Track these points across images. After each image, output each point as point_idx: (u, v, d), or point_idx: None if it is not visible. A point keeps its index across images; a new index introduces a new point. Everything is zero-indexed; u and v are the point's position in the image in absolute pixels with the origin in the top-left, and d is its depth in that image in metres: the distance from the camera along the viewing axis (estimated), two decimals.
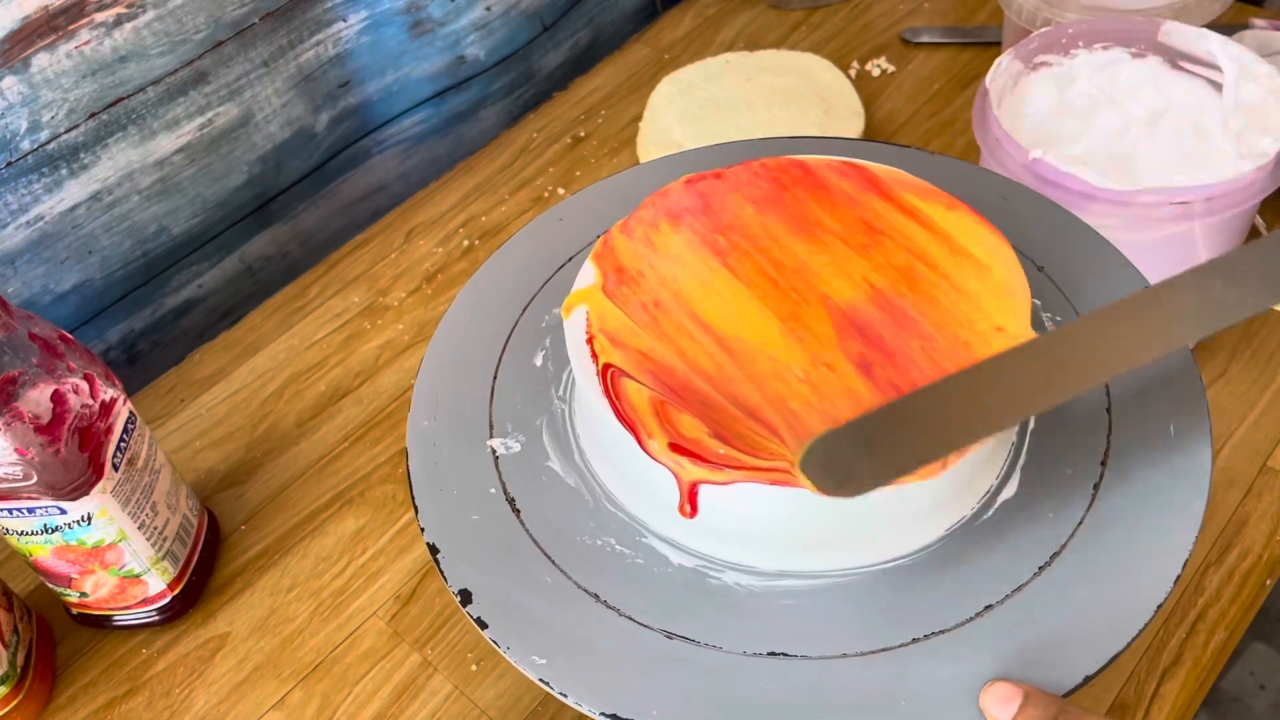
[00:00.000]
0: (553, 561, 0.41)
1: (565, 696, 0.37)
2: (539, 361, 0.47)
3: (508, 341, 0.48)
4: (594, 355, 0.41)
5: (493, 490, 0.43)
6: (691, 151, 0.55)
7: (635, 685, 0.37)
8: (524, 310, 0.49)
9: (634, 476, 0.41)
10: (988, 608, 0.38)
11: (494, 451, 0.44)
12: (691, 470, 0.37)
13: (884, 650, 0.37)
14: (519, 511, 0.42)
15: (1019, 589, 0.38)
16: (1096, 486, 0.41)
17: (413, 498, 0.43)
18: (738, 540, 0.40)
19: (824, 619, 0.39)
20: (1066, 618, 0.37)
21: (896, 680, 0.37)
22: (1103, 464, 0.41)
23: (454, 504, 0.43)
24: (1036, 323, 0.45)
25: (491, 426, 0.45)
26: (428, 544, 0.42)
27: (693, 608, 0.39)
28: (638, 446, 0.38)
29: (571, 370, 0.45)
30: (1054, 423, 0.43)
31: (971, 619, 0.38)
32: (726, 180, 0.46)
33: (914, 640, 0.38)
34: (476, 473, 0.44)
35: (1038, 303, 0.46)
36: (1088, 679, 0.36)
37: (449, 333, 0.49)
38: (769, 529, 0.39)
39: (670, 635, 0.39)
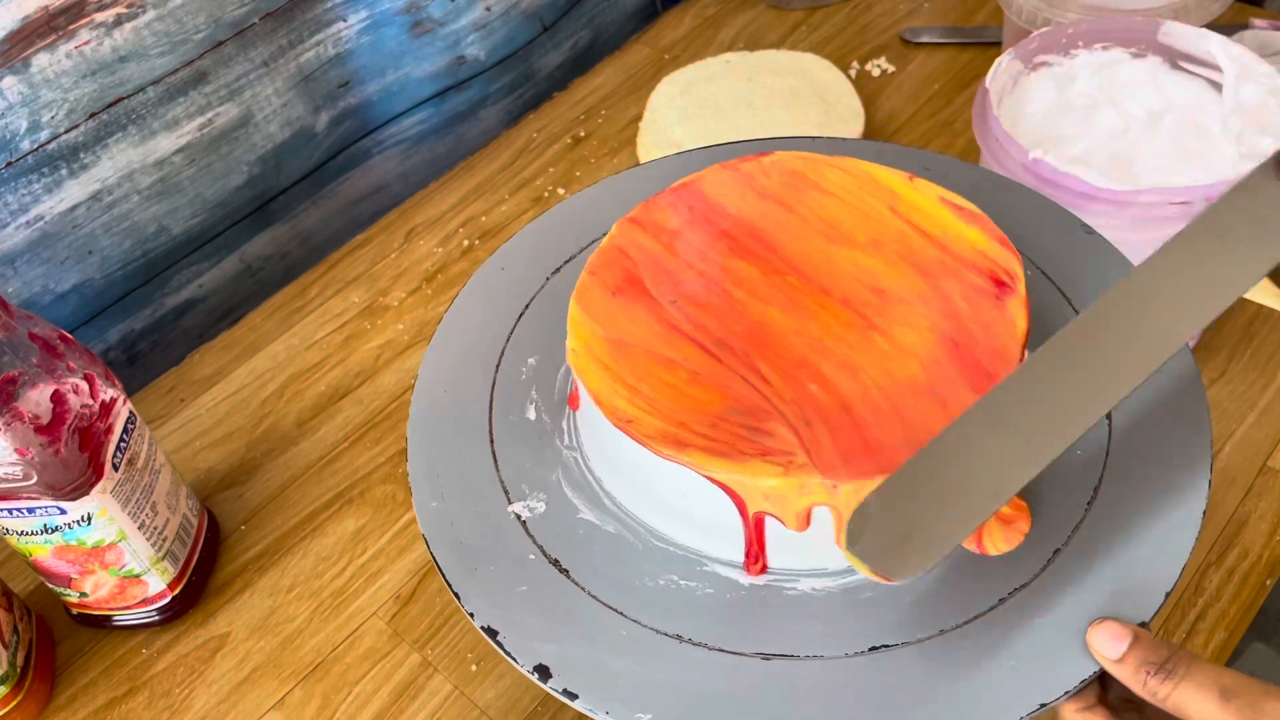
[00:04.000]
0: (622, 614, 0.39)
1: None
2: (531, 415, 0.46)
3: (492, 398, 0.46)
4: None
5: (532, 556, 0.41)
6: (691, 151, 0.55)
7: (744, 715, 0.37)
8: (520, 318, 0.49)
9: (684, 508, 0.40)
10: (988, 608, 0.38)
11: (519, 517, 0.43)
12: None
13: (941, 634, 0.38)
14: (566, 571, 0.41)
15: (1018, 589, 0.38)
16: (1096, 487, 0.41)
17: (450, 586, 0.41)
18: (801, 546, 0.39)
19: (908, 606, 0.38)
20: (1066, 618, 0.37)
21: (917, 678, 0.37)
22: (1102, 464, 0.41)
23: (497, 580, 0.41)
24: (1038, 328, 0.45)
25: (507, 492, 0.44)
26: (483, 629, 0.39)
27: (775, 623, 0.39)
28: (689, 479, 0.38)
29: (575, 420, 0.44)
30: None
31: (971, 619, 0.38)
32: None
33: (936, 634, 0.38)
34: (508, 541, 0.42)
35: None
36: (1088, 680, 0.36)
37: (441, 351, 0.48)
38: (820, 527, 0.39)
39: (766, 657, 0.38)
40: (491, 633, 0.39)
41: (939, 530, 0.35)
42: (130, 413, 0.54)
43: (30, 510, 0.51)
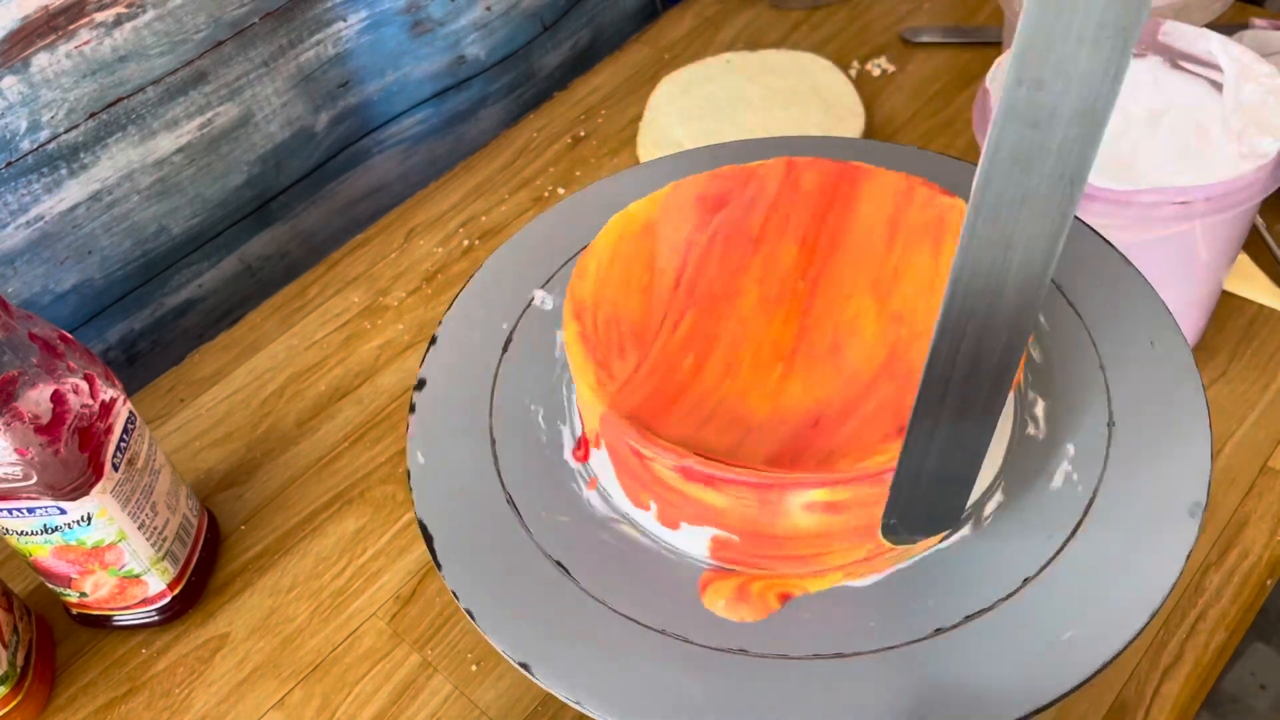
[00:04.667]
0: (606, 605, 0.40)
1: None
2: (532, 414, 0.46)
3: (492, 398, 0.47)
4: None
5: (531, 555, 0.41)
6: (691, 151, 0.55)
7: (685, 703, 0.37)
8: (520, 318, 0.49)
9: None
10: (988, 609, 0.38)
11: (512, 500, 0.43)
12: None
13: (905, 645, 0.38)
14: (565, 569, 0.41)
15: (1019, 589, 0.38)
16: (1096, 486, 0.41)
17: (450, 586, 0.41)
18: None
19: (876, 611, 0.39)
20: (1066, 617, 0.37)
21: (918, 677, 0.37)
22: (1102, 464, 0.41)
23: (495, 578, 0.41)
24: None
25: (506, 491, 0.44)
26: (465, 609, 0.40)
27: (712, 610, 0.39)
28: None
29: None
30: (1053, 421, 0.43)
31: (969, 619, 0.38)
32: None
33: (935, 633, 0.38)
34: (507, 539, 0.42)
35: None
36: (1088, 678, 0.36)
37: (443, 352, 0.48)
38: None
39: (714, 649, 0.38)
40: (527, 667, 0.39)
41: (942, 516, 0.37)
42: (130, 413, 0.54)
43: (30, 510, 0.51)
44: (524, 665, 0.38)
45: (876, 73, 0.86)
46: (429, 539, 0.42)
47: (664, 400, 0.39)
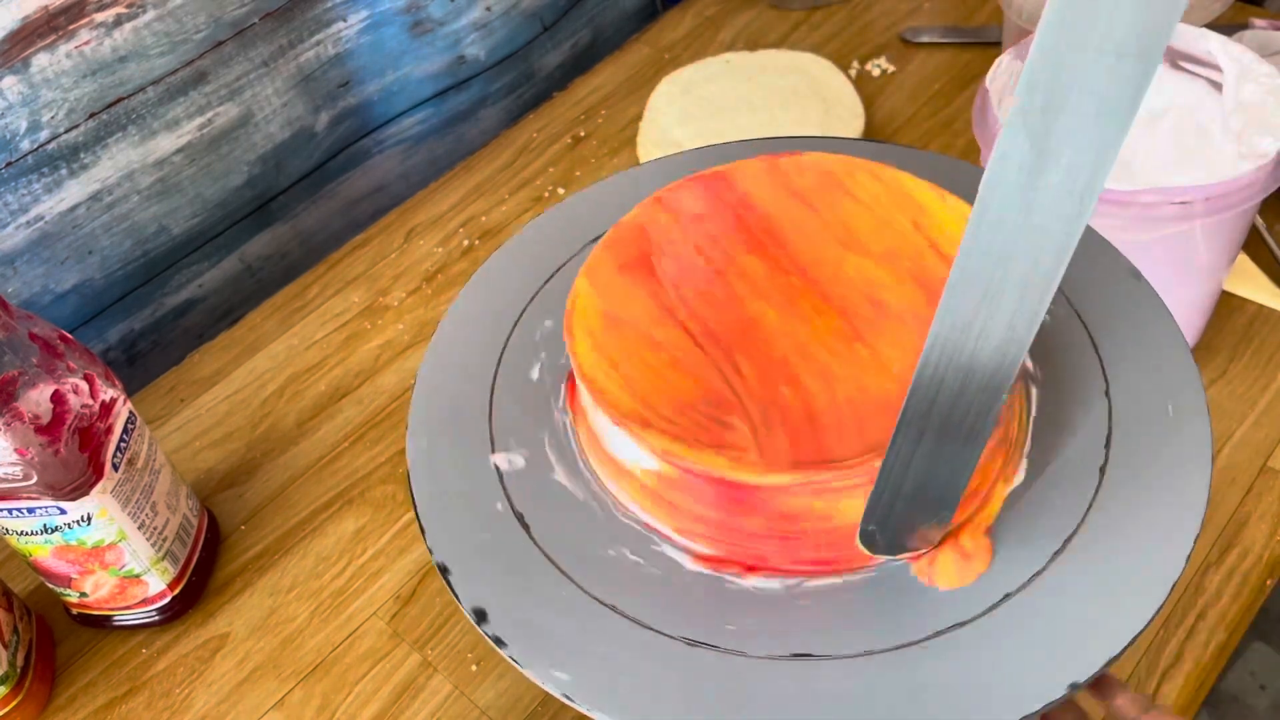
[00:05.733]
0: (567, 576, 0.40)
1: (591, 711, 0.37)
2: (535, 375, 0.47)
3: (502, 355, 0.48)
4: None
5: (500, 506, 0.43)
6: (691, 151, 0.55)
7: (658, 695, 0.37)
8: (519, 317, 0.49)
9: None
10: (987, 609, 0.38)
11: (498, 468, 0.44)
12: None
13: (907, 645, 0.37)
14: (528, 527, 0.42)
15: (1019, 589, 0.38)
16: (1096, 486, 0.41)
17: (419, 518, 0.43)
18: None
19: (843, 618, 0.39)
20: (1067, 617, 0.37)
21: (916, 676, 0.37)
22: (1102, 464, 0.41)
23: (462, 523, 0.42)
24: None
25: (493, 441, 0.45)
26: (437, 564, 0.41)
27: (712, 614, 0.39)
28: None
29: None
30: (1054, 421, 0.43)
31: (969, 621, 0.38)
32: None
33: (935, 634, 0.38)
34: (483, 490, 0.43)
35: None
36: (1088, 678, 0.36)
37: (444, 345, 0.48)
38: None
39: (692, 643, 0.38)
40: (444, 570, 0.40)
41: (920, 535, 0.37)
42: (130, 413, 0.54)
43: (30, 510, 0.51)
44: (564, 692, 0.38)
45: (876, 73, 0.86)
46: (444, 569, 0.41)
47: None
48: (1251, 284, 0.67)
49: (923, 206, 0.45)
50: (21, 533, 0.52)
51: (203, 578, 0.60)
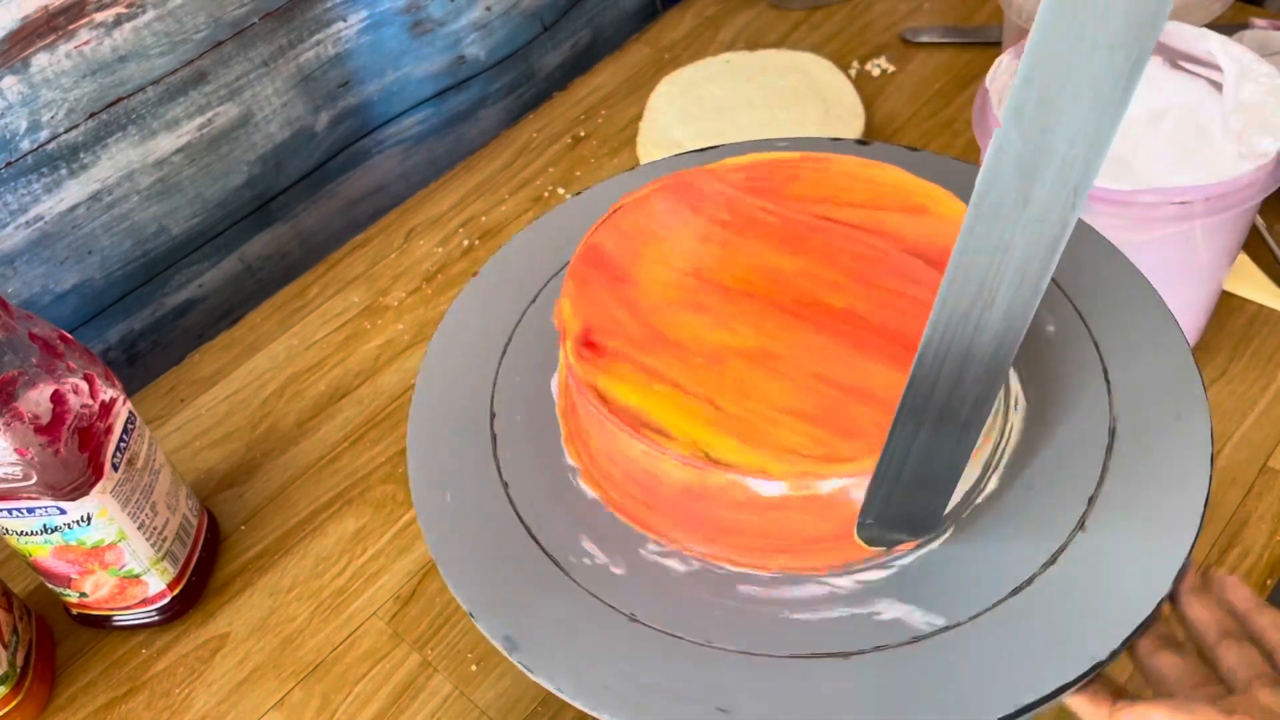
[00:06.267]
0: (568, 576, 0.40)
1: (594, 711, 0.37)
2: (537, 374, 0.46)
3: (504, 354, 0.47)
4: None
5: (501, 507, 0.42)
6: (691, 152, 0.55)
7: (660, 695, 0.37)
8: (521, 317, 0.49)
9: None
10: (987, 608, 0.38)
11: (499, 468, 0.44)
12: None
13: (907, 644, 0.38)
14: (529, 527, 0.42)
15: (1019, 589, 0.38)
16: (1096, 486, 0.41)
17: (419, 518, 0.42)
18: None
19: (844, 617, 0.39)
20: (1066, 617, 0.37)
21: (915, 674, 0.37)
22: (1102, 464, 0.41)
23: (463, 524, 0.42)
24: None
25: (494, 441, 0.45)
26: (437, 562, 0.41)
27: (712, 613, 0.39)
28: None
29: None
30: (1054, 420, 0.43)
31: (969, 619, 0.38)
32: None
33: (936, 632, 0.38)
34: (484, 490, 0.43)
35: None
36: (1087, 677, 0.36)
37: (445, 344, 0.48)
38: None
39: (694, 643, 0.38)
40: (511, 645, 0.39)
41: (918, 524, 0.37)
42: (130, 413, 0.54)
43: (30, 510, 0.51)
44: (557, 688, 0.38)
45: (876, 73, 0.86)
46: (431, 543, 0.42)
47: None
48: (1251, 284, 0.67)
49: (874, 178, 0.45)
50: (21, 533, 0.52)
51: (203, 578, 0.60)
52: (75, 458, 0.50)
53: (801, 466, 0.37)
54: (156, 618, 0.58)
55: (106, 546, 0.53)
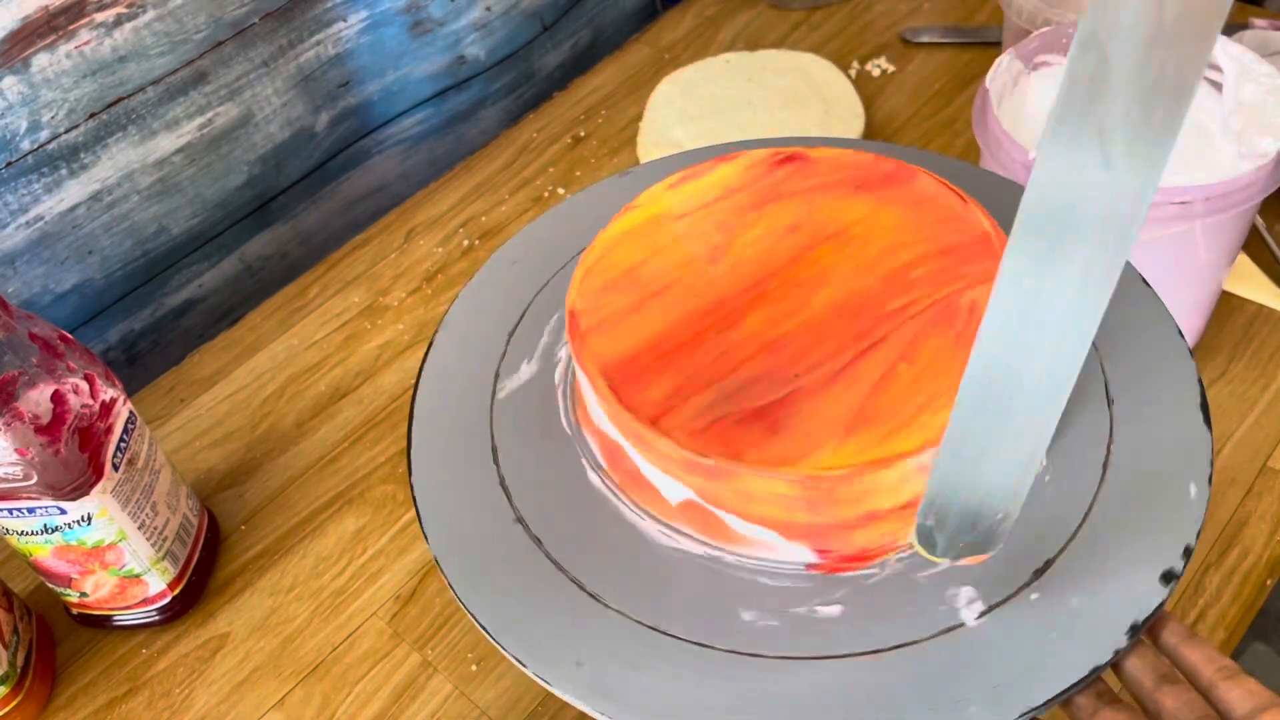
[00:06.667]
0: (569, 576, 0.40)
1: (596, 711, 0.37)
2: (538, 374, 0.46)
3: (505, 354, 0.47)
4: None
5: (502, 506, 0.42)
6: (691, 151, 0.55)
7: (663, 695, 0.37)
8: (522, 316, 0.49)
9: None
10: (1016, 591, 0.38)
11: (499, 467, 0.44)
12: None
13: (910, 644, 0.38)
14: (530, 527, 0.42)
15: (1019, 589, 0.38)
16: (1096, 486, 0.41)
17: (420, 518, 0.42)
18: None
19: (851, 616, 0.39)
20: (1066, 617, 0.37)
21: (918, 673, 0.37)
22: (1103, 465, 0.41)
23: (464, 524, 0.42)
24: None
25: (494, 441, 0.44)
26: (438, 563, 0.41)
27: (717, 613, 0.39)
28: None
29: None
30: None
31: (998, 605, 0.38)
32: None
33: (942, 631, 0.38)
34: (484, 490, 0.43)
35: None
36: (1120, 650, 0.36)
37: (446, 344, 0.48)
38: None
39: (697, 643, 0.38)
40: (492, 635, 0.39)
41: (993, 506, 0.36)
42: (130, 413, 0.54)
43: (30, 510, 0.51)
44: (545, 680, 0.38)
45: (876, 73, 0.86)
46: (432, 543, 0.42)
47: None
48: (1251, 284, 0.67)
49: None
50: (21, 533, 0.52)
51: (203, 578, 0.60)
52: (75, 458, 0.50)
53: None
54: (157, 618, 0.58)
55: (107, 546, 0.53)
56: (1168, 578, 0.38)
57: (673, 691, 0.37)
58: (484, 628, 0.39)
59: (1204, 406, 0.42)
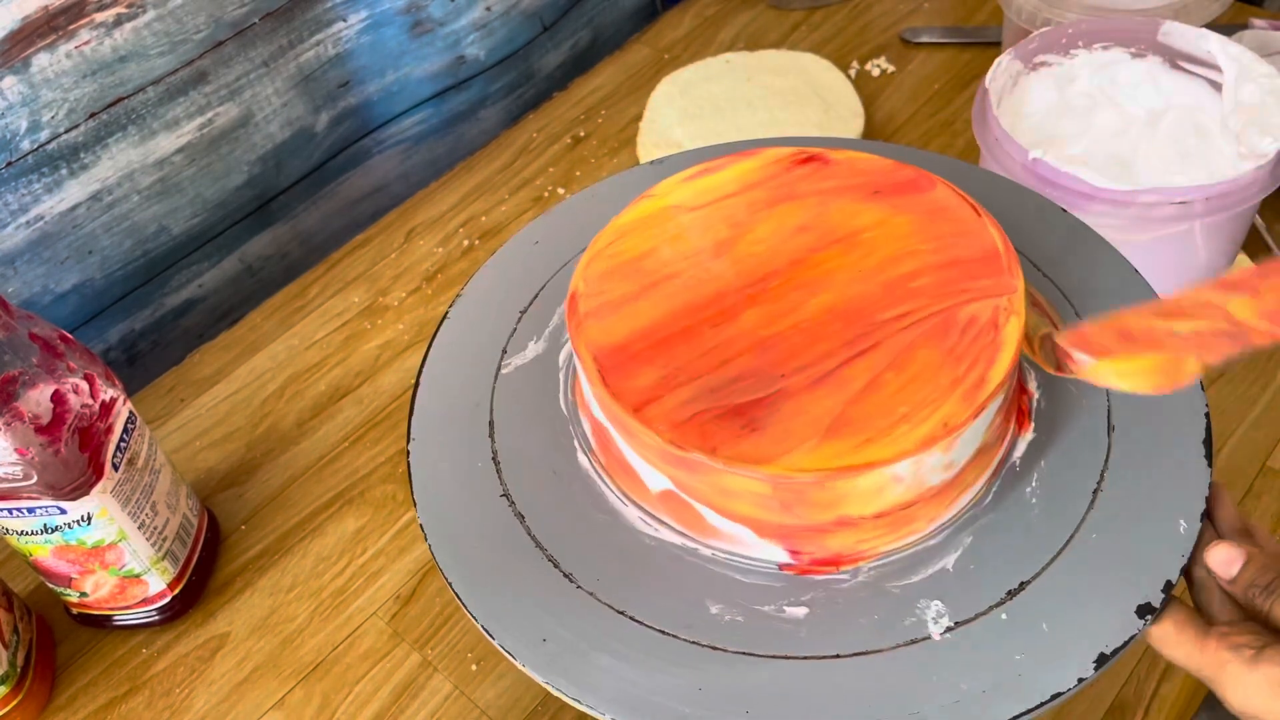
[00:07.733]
0: (569, 576, 0.40)
1: (596, 711, 0.37)
2: (538, 373, 0.46)
3: (504, 353, 0.47)
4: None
5: (502, 506, 0.42)
6: (691, 151, 0.55)
7: (662, 694, 0.37)
8: (522, 315, 0.49)
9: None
10: (987, 610, 0.38)
11: (499, 468, 0.44)
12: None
13: (910, 644, 0.38)
14: (530, 527, 0.42)
15: (1019, 589, 0.38)
16: (1096, 488, 0.41)
17: (419, 518, 0.42)
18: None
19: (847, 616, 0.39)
20: (1033, 640, 0.37)
21: (919, 673, 0.37)
22: (1103, 465, 0.41)
23: (464, 523, 0.42)
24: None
25: (494, 441, 0.45)
26: (438, 563, 0.41)
27: (717, 612, 0.39)
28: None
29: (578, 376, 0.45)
30: (1054, 420, 0.43)
31: (966, 622, 0.38)
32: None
33: (906, 643, 0.38)
34: (484, 490, 0.43)
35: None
36: (1084, 679, 0.36)
37: (445, 344, 0.48)
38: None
39: (696, 643, 0.38)
40: (489, 633, 0.39)
41: None
42: (130, 413, 0.54)
43: (30, 510, 0.51)
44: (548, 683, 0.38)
45: (876, 73, 0.86)
46: (432, 543, 0.42)
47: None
48: None
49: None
50: (21, 533, 0.52)
51: (203, 578, 0.60)
52: (75, 457, 0.50)
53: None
54: (157, 617, 0.58)
55: (107, 546, 0.53)
56: (1144, 611, 0.37)
57: (631, 676, 0.37)
58: (459, 595, 0.40)
59: (1207, 441, 0.42)
